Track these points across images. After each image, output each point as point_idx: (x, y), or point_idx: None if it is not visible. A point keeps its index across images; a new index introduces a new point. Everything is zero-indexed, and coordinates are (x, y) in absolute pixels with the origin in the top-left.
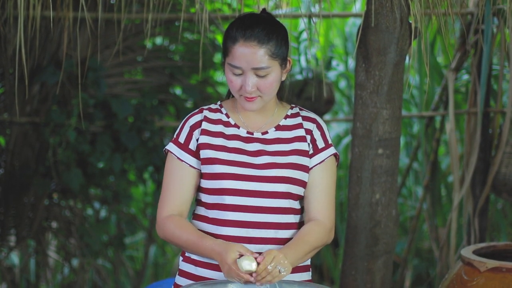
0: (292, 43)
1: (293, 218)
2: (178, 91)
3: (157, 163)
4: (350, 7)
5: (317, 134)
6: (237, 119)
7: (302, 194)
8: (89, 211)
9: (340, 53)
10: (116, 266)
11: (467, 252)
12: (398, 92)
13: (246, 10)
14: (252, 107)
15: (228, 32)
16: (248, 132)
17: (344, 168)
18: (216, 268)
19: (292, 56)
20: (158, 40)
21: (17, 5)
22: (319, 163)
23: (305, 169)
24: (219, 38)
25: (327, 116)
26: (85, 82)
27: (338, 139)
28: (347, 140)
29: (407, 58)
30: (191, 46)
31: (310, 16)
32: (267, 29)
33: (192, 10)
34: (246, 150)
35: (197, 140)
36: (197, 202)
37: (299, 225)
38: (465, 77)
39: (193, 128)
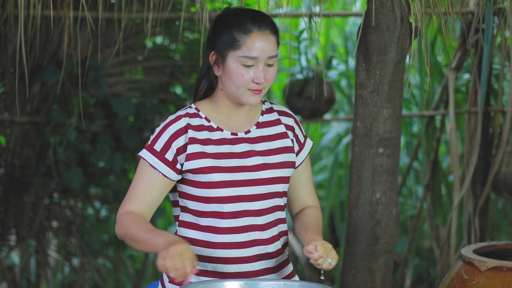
0: (293, 43)
1: (284, 214)
2: (178, 90)
3: None
4: (350, 7)
5: (297, 130)
6: (218, 121)
7: (286, 190)
8: (90, 211)
9: (341, 53)
10: (116, 265)
11: (467, 251)
12: (398, 91)
13: None
14: (257, 100)
15: (235, 24)
16: (232, 133)
17: (345, 168)
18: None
19: (292, 55)
20: (159, 40)
21: (17, 5)
22: (305, 158)
23: (292, 165)
24: None
25: (328, 116)
26: (85, 81)
27: (338, 138)
28: (347, 139)
29: (407, 57)
30: (191, 45)
31: (310, 16)
32: (271, 20)
33: (193, 9)
34: (235, 152)
35: (181, 149)
36: (182, 208)
37: (284, 221)
38: (466, 76)
39: (174, 136)
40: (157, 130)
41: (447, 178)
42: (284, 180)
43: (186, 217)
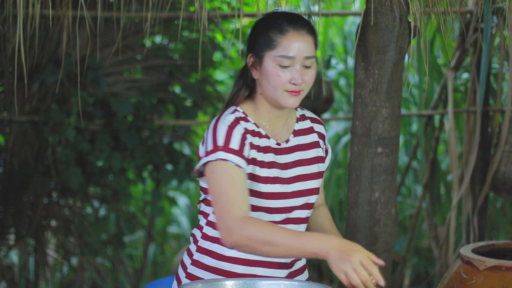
0: None
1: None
2: (177, 89)
3: (156, 161)
4: (349, 6)
5: (326, 138)
6: (263, 127)
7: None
8: (89, 210)
9: (340, 52)
10: (115, 264)
11: (466, 250)
12: (397, 90)
13: (246, 9)
14: (295, 102)
15: (272, 25)
16: (277, 143)
17: (344, 167)
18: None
19: None
20: (158, 39)
21: (16, 4)
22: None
23: (322, 175)
24: (218, 37)
25: (327, 115)
26: (84, 80)
27: (337, 138)
28: (346, 138)
29: (406, 56)
30: (190, 44)
31: (309, 15)
32: (308, 21)
33: (192, 8)
34: (277, 163)
35: (249, 151)
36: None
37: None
38: (465, 75)
39: (244, 136)
40: (222, 131)
41: (446, 178)
42: (316, 191)
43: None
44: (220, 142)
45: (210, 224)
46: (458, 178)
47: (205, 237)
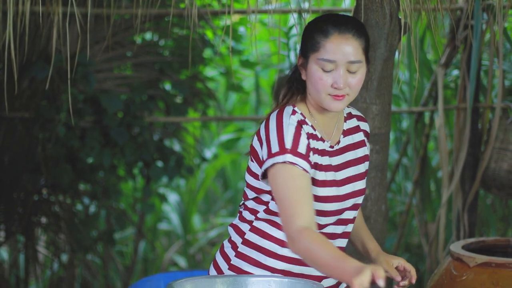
0: (282, 39)
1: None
2: (167, 86)
3: (146, 158)
4: (340, 3)
5: (369, 135)
6: (319, 129)
7: None
8: (79, 207)
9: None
10: (105, 261)
11: (456, 247)
12: (387, 87)
13: (236, 5)
14: (339, 106)
15: (317, 28)
16: (330, 146)
17: None
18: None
19: (281, 51)
20: (148, 36)
21: (6, 1)
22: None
23: (366, 174)
24: (209, 34)
25: None
26: (74, 77)
27: None
28: None
29: (396, 53)
30: (180, 41)
31: (299, 12)
32: (358, 25)
33: (182, 5)
34: (332, 165)
35: (312, 154)
36: (267, 210)
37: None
38: (455, 72)
39: (309, 140)
40: (289, 133)
41: (436, 174)
42: (364, 192)
43: (274, 217)
44: (288, 144)
45: (261, 219)
46: (448, 174)
47: (255, 230)
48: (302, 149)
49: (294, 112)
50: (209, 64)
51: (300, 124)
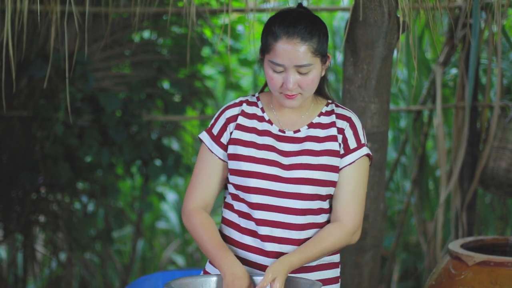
0: None
1: (320, 218)
2: (166, 85)
3: (145, 157)
4: (338, 1)
5: (349, 133)
6: (272, 115)
7: (332, 193)
8: (77, 205)
9: (328, 47)
10: (104, 260)
11: (455, 246)
12: (386, 86)
13: (234, 4)
14: (292, 104)
15: (269, 29)
16: (280, 130)
17: None
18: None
19: None
20: (146, 34)
21: None
22: (349, 164)
23: (335, 169)
24: (207, 32)
25: None
26: (72, 76)
27: None
28: None
29: (395, 52)
30: (179, 40)
31: None
32: (309, 26)
33: (180, 4)
34: (276, 148)
35: (231, 134)
36: (227, 192)
37: (327, 223)
38: (453, 71)
39: (228, 120)
40: (217, 113)
41: (434, 173)
42: (320, 182)
43: (229, 199)
44: (210, 123)
45: (226, 206)
46: (447, 173)
47: (223, 220)
48: (216, 130)
49: (248, 96)
50: (208, 63)
51: (241, 103)
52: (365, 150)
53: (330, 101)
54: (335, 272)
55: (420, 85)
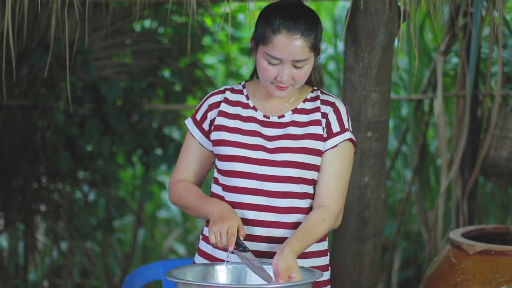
0: None
1: (304, 203)
2: (166, 74)
3: (146, 146)
4: None
5: (332, 118)
6: (257, 101)
7: (316, 179)
8: (78, 194)
9: (329, 36)
10: (105, 249)
11: (455, 235)
12: (387, 75)
13: None
14: (282, 95)
15: (267, 20)
16: (264, 116)
17: None
18: None
19: None
20: (147, 23)
21: None
22: (331, 148)
23: (318, 153)
24: (208, 21)
25: None
26: (73, 65)
27: None
28: None
29: (396, 41)
30: (179, 29)
31: None
32: (309, 21)
33: None
34: (261, 133)
35: (212, 121)
36: (214, 180)
37: (310, 209)
38: (454, 60)
39: (210, 107)
40: (202, 100)
41: (435, 162)
42: (303, 166)
43: (216, 189)
44: (196, 109)
45: (213, 195)
46: (448, 162)
47: None
48: (199, 116)
49: (234, 84)
50: (208, 52)
51: (225, 90)
52: (348, 135)
53: (315, 88)
54: (325, 260)
55: (421, 74)
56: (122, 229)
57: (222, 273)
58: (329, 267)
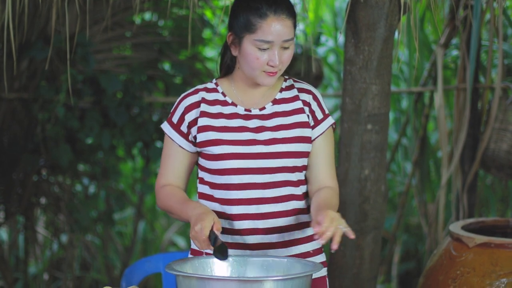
0: None
1: (299, 190)
2: (167, 66)
3: (146, 139)
4: None
5: (314, 105)
6: (234, 97)
7: (306, 164)
8: (78, 187)
9: (330, 29)
10: (105, 242)
11: (455, 227)
12: (387, 67)
13: None
14: (272, 82)
15: (251, 8)
16: (246, 110)
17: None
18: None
19: None
20: (147, 16)
21: None
22: (320, 134)
23: (308, 140)
24: (208, 14)
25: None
26: (73, 57)
27: None
28: (336, 115)
29: (396, 33)
30: (180, 21)
31: None
32: (287, 2)
33: None
34: (247, 127)
35: (192, 122)
36: (200, 180)
37: (304, 195)
38: (454, 52)
39: (187, 109)
40: (176, 103)
41: (435, 155)
42: (296, 155)
43: (202, 188)
44: (170, 112)
45: (200, 196)
46: (448, 155)
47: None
48: (175, 118)
49: (206, 84)
50: (209, 44)
51: (197, 91)
52: (331, 120)
53: (286, 77)
54: (317, 244)
55: (421, 67)
56: (122, 222)
57: (222, 266)
58: (323, 250)
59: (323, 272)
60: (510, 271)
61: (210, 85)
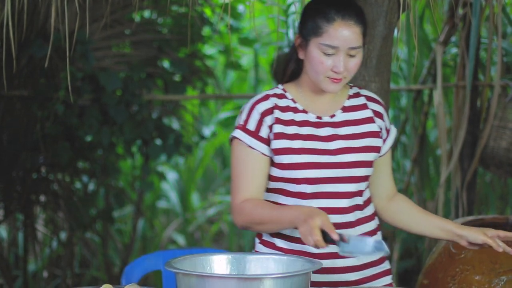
0: (281, 16)
1: (361, 200)
2: (166, 64)
3: (145, 136)
4: None
5: (385, 117)
6: (303, 103)
7: (370, 175)
8: (78, 185)
9: None
10: (104, 239)
11: None
12: (386, 65)
13: None
14: (336, 89)
15: (320, 12)
16: (317, 117)
17: None
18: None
19: (280, 29)
20: (146, 13)
21: None
22: (391, 146)
23: (378, 150)
24: (207, 11)
25: None
26: (73, 55)
27: None
28: None
29: (395, 31)
30: (179, 19)
31: None
32: (358, 8)
33: None
34: (318, 135)
35: (270, 127)
36: (267, 189)
37: (365, 204)
38: (454, 50)
39: (264, 114)
40: (246, 110)
41: (435, 152)
42: (367, 164)
43: (273, 197)
44: (241, 121)
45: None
46: (447, 153)
47: None
48: (251, 125)
49: (273, 89)
50: (208, 42)
51: (268, 97)
52: (394, 129)
53: (351, 84)
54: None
55: (420, 64)
56: (121, 220)
57: (221, 263)
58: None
59: (388, 280)
60: (510, 269)
61: (278, 90)
